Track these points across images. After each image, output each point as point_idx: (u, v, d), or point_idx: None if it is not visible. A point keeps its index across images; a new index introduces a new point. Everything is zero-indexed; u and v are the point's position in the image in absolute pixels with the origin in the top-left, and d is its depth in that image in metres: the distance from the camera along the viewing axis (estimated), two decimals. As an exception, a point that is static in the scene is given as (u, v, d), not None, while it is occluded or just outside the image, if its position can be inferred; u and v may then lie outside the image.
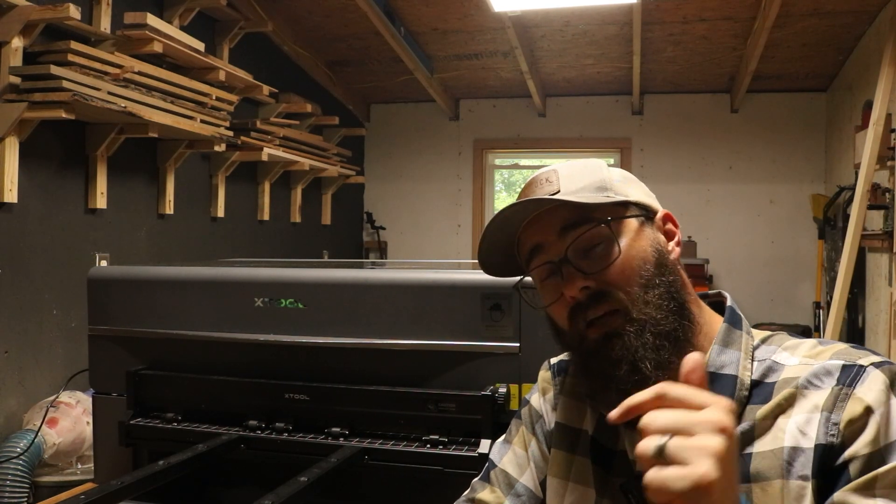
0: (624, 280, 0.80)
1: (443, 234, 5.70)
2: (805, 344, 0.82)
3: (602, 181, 0.85)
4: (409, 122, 5.76)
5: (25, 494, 2.34)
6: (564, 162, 0.89)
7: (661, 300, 0.80)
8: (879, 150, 3.29)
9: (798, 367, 0.78)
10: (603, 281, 0.80)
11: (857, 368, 0.75)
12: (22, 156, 2.56)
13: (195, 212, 3.73)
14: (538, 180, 0.87)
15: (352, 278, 1.42)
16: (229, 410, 1.45)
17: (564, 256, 0.81)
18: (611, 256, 0.80)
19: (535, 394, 1.00)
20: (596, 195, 0.83)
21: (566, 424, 0.93)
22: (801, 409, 0.75)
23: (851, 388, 0.74)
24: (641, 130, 5.44)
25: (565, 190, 0.83)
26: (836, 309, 3.36)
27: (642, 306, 0.79)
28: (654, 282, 0.81)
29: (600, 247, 0.81)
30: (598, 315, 0.80)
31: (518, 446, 0.98)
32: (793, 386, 0.77)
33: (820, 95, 5.18)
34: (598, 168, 0.87)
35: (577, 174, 0.85)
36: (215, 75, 3.39)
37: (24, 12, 2.46)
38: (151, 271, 1.56)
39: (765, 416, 0.77)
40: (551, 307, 0.84)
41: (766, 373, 0.80)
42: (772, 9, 3.70)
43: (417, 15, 4.25)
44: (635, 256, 0.81)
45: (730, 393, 0.79)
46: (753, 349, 0.83)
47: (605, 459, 0.88)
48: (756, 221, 5.27)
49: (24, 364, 2.66)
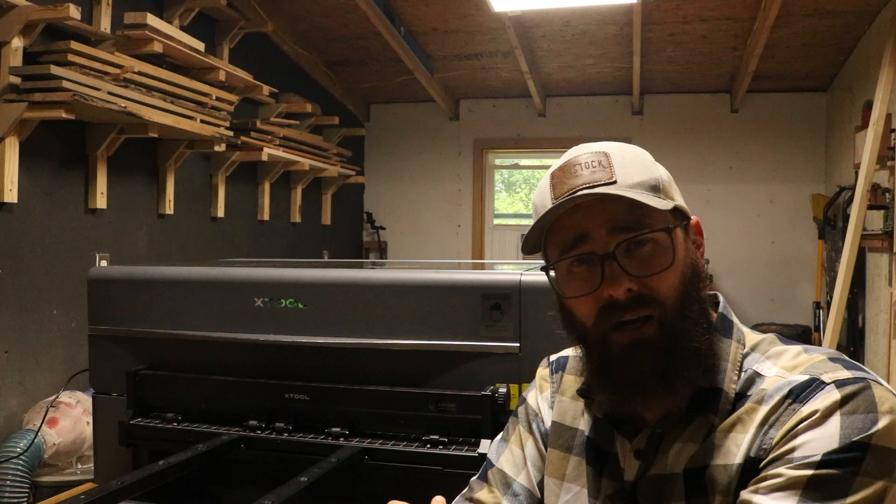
0: (668, 289, 0.78)
1: (443, 234, 5.70)
2: (789, 352, 0.80)
3: (656, 180, 0.81)
4: (409, 122, 5.76)
5: (25, 494, 2.34)
6: (610, 145, 0.83)
7: (698, 317, 0.78)
8: (879, 150, 3.29)
9: (772, 380, 0.77)
10: (647, 286, 0.77)
11: (816, 384, 0.73)
12: (22, 156, 2.56)
13: (195, 212, 3.73)
14: (586, 161, 0.80)
15: (352, 278, 1.43)
16: (229, 410, 1.45)
17: (612, 253, 0.78)
18: (663, 264, 0.78)
19: (532, 391, 1.00)
20: (651, 196, 0.79)
21: (562, 423, 0.93)
22: (754, 425, 0.75)
23: (801, 404, 0.72)
24: (641, 130, 5.44)
25: (623, 181, 0.78)
26: (836, 309, 3.35)
27: (679, 320, 0.77)
28: (694, 296, 0.79)
29: (647, 248, 0.78)
30: (631, 319, 0.77)
31: (515, 445, 0.98)
32: (754, 401, 0.76)
33: (820, 95, 5.18)
34: (649, 162, 0.83)
35: (630, 163, 0.81)
36: (215, 75, 3.39)
37: (24, 12, 2.46)
38: (151, 271, 1.56)
39: (723, 430, 0.77)
40: (577, 299, 0.81)
41: (748, 384, 0.79)
42: (772, 9, 3.70)
43: (417, 15, 4.25)
44: (680, 267, 0.79)
45: (714, 408, 0.78)
46: (742, 358, 0.81)
47: (599, 460, 0.87)
48: (756, 221, 5.27)
49: (24, 364, 2.66)
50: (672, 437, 0.80)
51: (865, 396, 0.71)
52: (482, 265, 2.59)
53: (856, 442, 0.68)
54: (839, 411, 0.70)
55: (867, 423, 0.69)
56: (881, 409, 0.70)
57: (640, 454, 0.82)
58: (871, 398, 0.71)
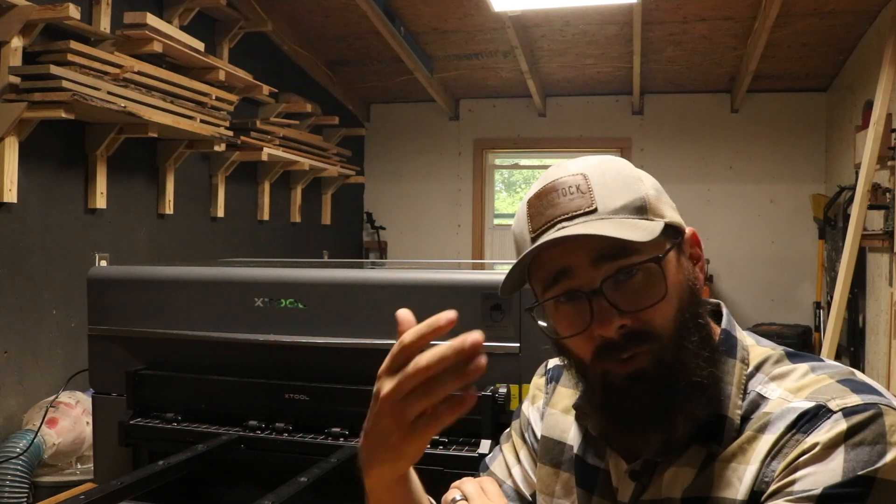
0: (663, 320, 0.72)
1: (443, 234, 5.70)
2: (795, 372, 0.75)
3: (641, 199, 0.74)
4: (409, 122, 5.76)
5: (25, 494, 2.34)
6: (585, 161, 0.77)
7: (699, 347, 0.73)
8: (880, 150, 3.29)
9: (776, 402, 0.72)
10: (641, 320, 0.72)
11: (822, 412, 0.68)
12: (22, 156, 2.56)
13: (195, 212, 3.73)
14: (563, 187, 0.75)
15: (352, 278, 1.42)
16: (229, 410, 1.45)
17: (599, 288, 0.72)
18: (656, 295, 0.72)
19: (527, 400, 0.99)
20: (637, 219, 0.73)
21: (551, 438, 0.91)
22: (759, 457, 0.70)
23: (805, 434, 0.68)
24: (641, 130, 5.44)
25: (603, 207, 0.73)
26: (837, 309, 3.35)
27: (677, 351, 0.72)
28: (692, 323, 0.73)
29: (638, 278, 0.72)
30: (630, 355, 0.72)
31: (508, 452, 0.97)
32: (755, 429, 0.72)
33: (820, 95, 5.18)
34: (632, 178, 0.76)
35: (612, 184, 0.75)
36: (215, 75, 3.39)
37: (23, 12, 2.46)
38: (151, 271, 1.56)
39: (724, 459, 0.73)
40: (571, 339, 0.75)
41: (752, 408, 0.74)
42: (772, 9, 3.70)
43: (417, 15, 4.24)
44: (674, 294, 0.73)
45: (719, 438, 0.74)
46: (746, 380, 0.76)
47: (589, 478, 0.85)
48: (756, 221, 5.27)
49: (23, 364, 2.66)
50: (670, 459, 0.76)
51: (875, 426, 0.66)
52: (482, 265, 2.58)
53: (860, 476, 0.64)
54: (844, 443, 0.66)
55: (874, 455, 0.65)
56: (891, 439, 0.66)
57: (635, 475, 0.78)
58: (880, 427, 0.66)
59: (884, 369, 3.50)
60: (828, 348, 3.35)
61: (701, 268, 0.79)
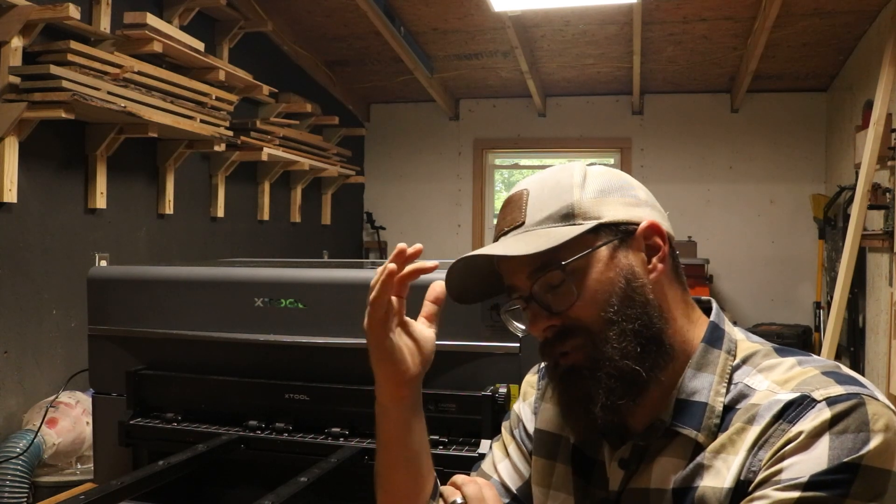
0: (589, 316, 0.78)
1: (443, 234, 5.70)
2: (782, 365, 0.77)
3: (570, 206, 0.79)
4: (409, 122, 5.76)
5: (25, 494, 2.34)
6: (539, 177, 0.84)
7: (622, 340, 0.76)
8: (880, 150, 3.29)
9: (763, 394, 0.74)
10: (569, 317, 0.78)
11: (807, 402, 0.70)
12: (22, 156, 2.56)
13: (195, 212, 3.73)
14: (512, 202, 0.84)
15: (352, 278, 1.42)
16: (229, 410, 1.44)
17: (530, 295, 0.80)
18: (570, 299, 0.78)
19: (518, 399, 1.00)
20: (561, 227, 0.79)
21: (546, 430, 0.92)
22: (745, 447, 0.73)
23: (790, 424, 0.70)
24: (642, 130, 5.44)
25: (530, 220, 0.80)
26: (837, 309, 3.35)
27: (602, 345, 0.77)
28: (616, 318, 0.77)
29: (565, 282, 0.78)
30: (565, 350, 0.79)
31: (497, 450, 0.99)
32: (744, 420, 0.74)
33: (820, 95, 5.18)
34: (568, 187, 0.81)
35: (545, 195, 0.81)
36: (215, 75, 3.39)
37: (23, 12, 2.46)
38: (151, 271, 1.56)
39: (713, 450, 0.75)
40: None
41: (738, 398, 0.76)
42: (772, 9, 3.70)
43: (417, 15, 4.24)
44: (601, 290, 0.77)
45: (697, 423, 0.76)
46: (732, 370, 0.78)
47: (585, 468, 0.86)
48: (756, 221, 5.27)
49: (23, 364, 2.66)
50: (657, 448, 0.79)
51: (858, 414, 0.68)
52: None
53: (845, 463, 0.66)
54: (829, 431, 0.68)
55: (858, 442, 0.67)
56: (874, 427, 0.68)
57: (623, 463, 0.81)
58: (863, 416, 0.68)
59: (884, 369, 3.50)
60: (828, 348, 3.35)
61: (662, 258, 0.81)
